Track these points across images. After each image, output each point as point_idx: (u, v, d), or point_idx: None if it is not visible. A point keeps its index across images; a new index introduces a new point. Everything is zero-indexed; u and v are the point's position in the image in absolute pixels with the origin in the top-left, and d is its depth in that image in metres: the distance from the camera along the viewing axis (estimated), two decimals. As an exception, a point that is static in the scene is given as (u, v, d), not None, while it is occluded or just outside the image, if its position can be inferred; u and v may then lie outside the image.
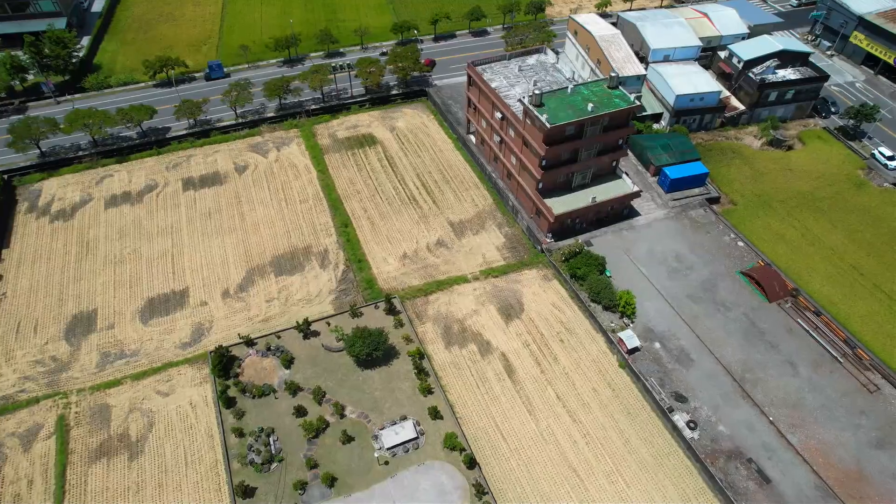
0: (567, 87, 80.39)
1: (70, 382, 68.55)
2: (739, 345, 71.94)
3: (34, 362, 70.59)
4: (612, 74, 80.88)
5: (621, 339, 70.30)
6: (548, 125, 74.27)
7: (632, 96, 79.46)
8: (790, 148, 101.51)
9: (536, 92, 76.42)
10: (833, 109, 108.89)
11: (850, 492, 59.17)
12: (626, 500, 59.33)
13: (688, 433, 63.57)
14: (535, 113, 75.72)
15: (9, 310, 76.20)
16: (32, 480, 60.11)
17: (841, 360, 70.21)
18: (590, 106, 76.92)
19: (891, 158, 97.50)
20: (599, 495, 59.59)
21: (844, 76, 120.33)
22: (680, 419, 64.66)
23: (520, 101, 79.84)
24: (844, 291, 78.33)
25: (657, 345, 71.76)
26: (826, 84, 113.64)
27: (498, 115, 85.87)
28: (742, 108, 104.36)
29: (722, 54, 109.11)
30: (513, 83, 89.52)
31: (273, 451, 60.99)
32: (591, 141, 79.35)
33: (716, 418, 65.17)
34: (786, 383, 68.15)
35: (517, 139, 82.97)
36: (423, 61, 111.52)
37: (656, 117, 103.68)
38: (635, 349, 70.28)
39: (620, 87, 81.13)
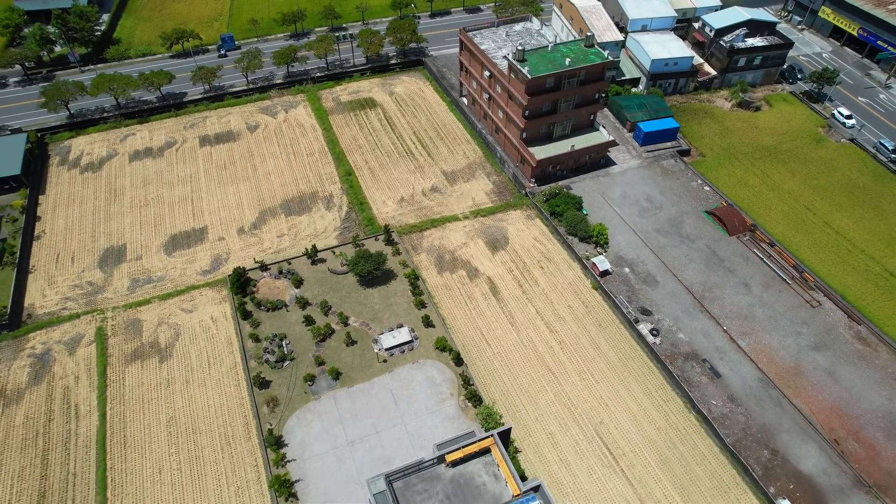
0: (548, 46, 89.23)
1: (105, 302, 77.43)
2: (700, 270, 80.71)
3: (73, 286, 79.49)
4: (589, 34, 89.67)
5: (594, 264, 79.05)
6: (529, 76, 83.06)
7: (605, 52, 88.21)
8: (758, 109, 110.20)
9: (520, 48, 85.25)
10: (800, 76, 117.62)
11: (787, 383, 67.90)
12: (596, 394, 68.04)
13: (651, 339, 72.28)
14: (518, 66, 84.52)
15: (48, 244, 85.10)
16: (78, 377, 69.01)
17: (789, 282, 78.95)
18: (567, 60, 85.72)
19: (848, 117, 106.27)
20: (572, 389, 68.33)
21: (813, 48, 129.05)
22: (644, 328, 73.41)
23: (505, 57, 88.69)
24: (797, 227, 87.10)
25: (626, 269, 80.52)
26: (796, 55, 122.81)
27: (486, 73, 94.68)
28: (714, 73, 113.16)
29: (696, 25, 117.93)
30: (500, 46, 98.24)
31: (285, 352, 69.79)
32: (570, 93, 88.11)
33: (676, 328, 73.93)
34: (739, 300, 76.92)
35: (503, 94, 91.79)
36: None
37: (634, 82, 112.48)
38: (606, 272, 79.01)
39: (596, 46, 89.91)
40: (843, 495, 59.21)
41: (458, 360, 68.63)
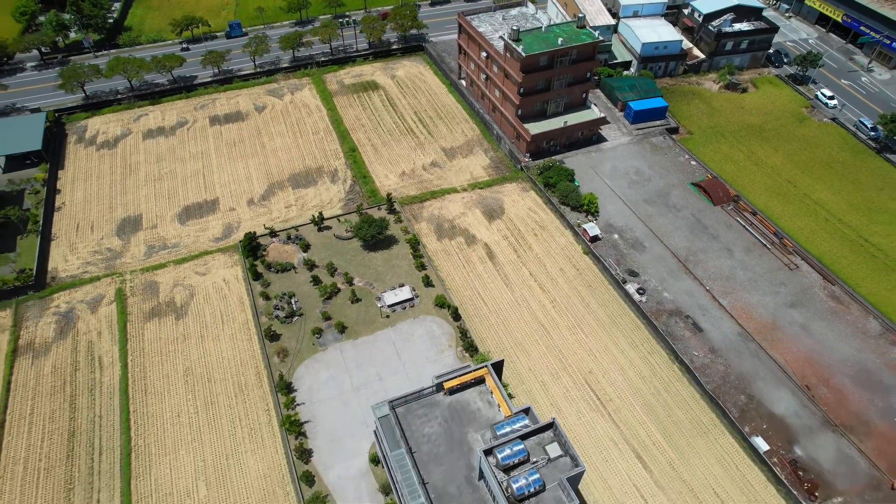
0: (542, 27, 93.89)
1: (124, 266, 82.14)
2: (685, 236, 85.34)
3: (93, 252, 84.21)
4: (580, 15, 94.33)
5: (585, 230, 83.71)
6: (524, 54, 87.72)
7: (596, 33, 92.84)
8: (744, 91, 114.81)
9: (515, 29, 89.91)
10: (785, 60, 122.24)
11: (764, 337, 72.54)
12: (585, 346, 72.69)
13: (637, 298, 76.88)
14: (514, 46, 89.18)
15: (69, 215, 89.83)
16: (101, 332, 73.76)
17: (769, 247, 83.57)
18: (560, 40, 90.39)
19: (831, 98, 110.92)
20: (563, 342, 72.99)
21: (800, 34, 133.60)
22: (631, 288, 78.02)
23: (501, 37, 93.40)
24: (779, 198, 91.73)
25: (616, 236, 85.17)
26: (783, 40, 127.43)
27: (483, 54, 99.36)
28: (702, 56, 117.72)
29: (686, 11, 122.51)
30: (497, 29, 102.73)
31: (294, 309, 74.47)
32: (562, 71, 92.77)
33: (661, 288, 78.57)
34: (722, 263, 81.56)
35: (500, 73, 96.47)
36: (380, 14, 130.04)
37: (626, 65, 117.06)
38: (596, 238, 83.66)
39: (588, 27, 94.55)
40: (812, 433, 63.84)
41: (456, 316, 73.27)
